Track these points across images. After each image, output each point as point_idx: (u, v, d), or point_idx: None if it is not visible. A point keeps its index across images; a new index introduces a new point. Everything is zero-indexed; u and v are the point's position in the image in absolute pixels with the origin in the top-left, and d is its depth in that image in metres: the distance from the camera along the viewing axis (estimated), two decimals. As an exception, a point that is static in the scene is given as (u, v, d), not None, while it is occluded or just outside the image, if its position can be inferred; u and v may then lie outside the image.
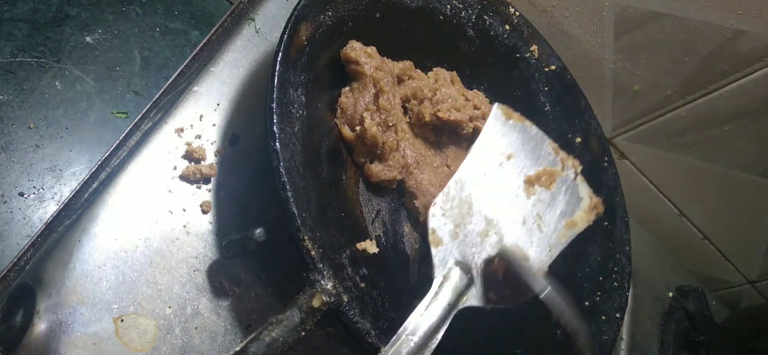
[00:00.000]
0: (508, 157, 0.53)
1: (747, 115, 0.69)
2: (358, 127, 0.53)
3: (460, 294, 0.46)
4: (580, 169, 0.54)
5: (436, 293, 0.45)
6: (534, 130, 0.54)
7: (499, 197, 0.51)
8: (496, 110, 0.54)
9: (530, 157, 0.53)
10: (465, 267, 0.47)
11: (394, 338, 0.42)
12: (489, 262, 0.48)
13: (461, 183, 0.50)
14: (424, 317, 0.43)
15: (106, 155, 0.50)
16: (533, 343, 0.56)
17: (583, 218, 0.53)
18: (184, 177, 0.50)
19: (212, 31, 0.59)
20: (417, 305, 0.52)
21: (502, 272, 0.48)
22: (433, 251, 0.47)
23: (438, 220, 0.48)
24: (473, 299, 0.46)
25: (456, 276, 0.46)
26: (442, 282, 0.46)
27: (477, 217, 0.49)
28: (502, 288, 0.47)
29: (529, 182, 0.52)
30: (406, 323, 0.42)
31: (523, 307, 0.47)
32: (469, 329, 0.45)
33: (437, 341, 0.43)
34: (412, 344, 0.42)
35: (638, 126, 0.80)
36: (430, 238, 0.47)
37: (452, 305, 0.45)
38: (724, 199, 0.80)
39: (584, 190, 0.54)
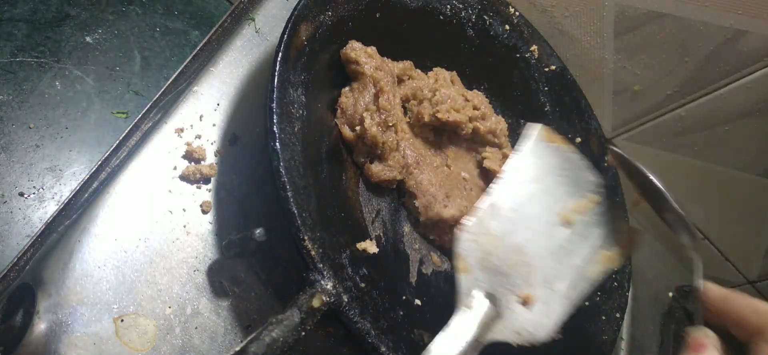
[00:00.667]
0: (546, 184, 0.50)
1: (747, 115, 0.69)
2: (358, 127, 0.53)
3: (486, 327, 0.43)
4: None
5: (461, 324, 0.42)
6: (576, 156, 0.51)
7: (533, 225, 0.48)
8: (538, 132, 0.51)
9: (569, 185, 0.50)
10: (493, 298, 0.44)
11: None
12: (519, 295, 0.45)
13: (495, 207, 0.48)
14: (448, 349, 0.41)
15: (106, 155, 0.50)
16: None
17: (617, 254, 0.49)
18: (184, 177, 0.50)
19: (212, 31, 0.59)
20: (417, 305, 0.52)
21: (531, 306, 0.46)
22: (461, 277, 0.45)
23: (468, 245, 0.46)
24: (500, 333, 0.43)
25: (483, 307, 0.44)
26: (467, 312, 0.43)
27: (508, 245, 0.47)
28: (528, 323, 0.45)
29: (566, 212, 0.49)
30: (426, 353, 0.40)
31: (552, 344, 0.46)
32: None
33: None
34: None
35: (638, 126, 0.80)
36: (458, 263, 0.45)
37: (478, 340, 0.42)
38: (724, 199, 0.80)
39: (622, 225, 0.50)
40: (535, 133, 0.51)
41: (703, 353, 0.38)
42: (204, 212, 0.50)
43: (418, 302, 0.52)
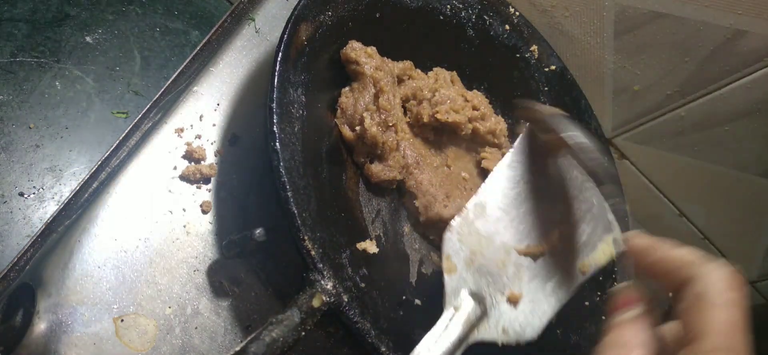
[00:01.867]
0: (534, 181, 0.49)
1: (747, 115, 0.69)
2: (358, 127, 0.53)
3: (472, 327, 0.42)
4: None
5: (447, 326, 0.42)
6: (566, 155, 0.49)
7: (521, 223, 0.47)
8: (528, 130, 0.50)
9: (557, 182, 0.49)
10: (478, 298, 0.44)
11: None
12: (506, 294, 0.45)
13: (482, 206, 0.47)
14: (433, 350, 0.40)
15: (106, 155, 0.50)
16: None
17: (606, 250, 0.48)
18: (184, 177, 0.50)
19: (212, 31, 0.59)
20: (417, 305, 0.52)
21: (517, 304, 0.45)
22: (446, 278, 0.44)
23: (453, 245, 0.45)
24: (486, 332, 0.43)
25: (468, 307, 0.43)
26: (453, 312, 0.42)
27: (496, 244, 0.46)
28: (516, 322, 0.44)
29: (555, 209, 0.48)
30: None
31: (538, 344, 0.45)
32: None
33: None
34: None
35: (638, 126, 0.80)
36: (444, 264, 0.45)
37: (463, 339, 0.41)
38: (724, 199, 0.80)
39: (612, 217, 0.48)
40: (524, 131, 0.50)
41: (630, 311, 0.35)
42: (204, 212, 0.50)
43: (418, 302, 0.52)
